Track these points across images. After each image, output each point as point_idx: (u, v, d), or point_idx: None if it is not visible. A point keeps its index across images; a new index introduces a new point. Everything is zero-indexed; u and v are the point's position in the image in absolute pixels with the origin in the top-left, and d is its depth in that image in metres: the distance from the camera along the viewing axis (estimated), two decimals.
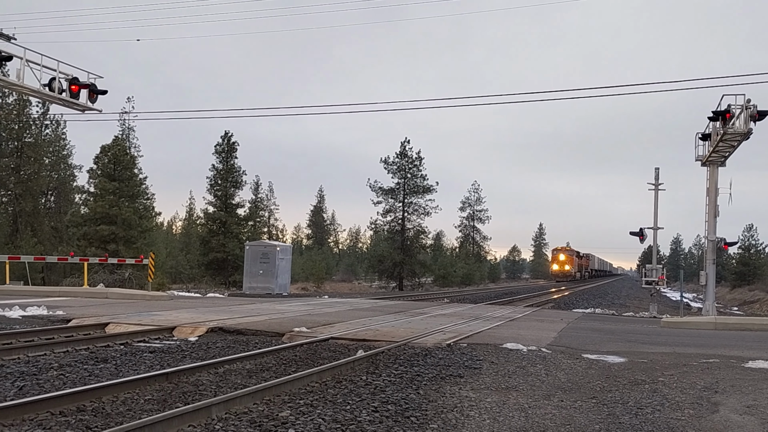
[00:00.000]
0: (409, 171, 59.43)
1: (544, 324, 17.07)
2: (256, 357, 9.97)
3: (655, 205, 26.12)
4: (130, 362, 9.35)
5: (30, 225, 44.08)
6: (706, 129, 23.45)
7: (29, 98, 39.29)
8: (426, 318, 17.33)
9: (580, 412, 7.25)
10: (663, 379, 9.52)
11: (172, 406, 6.62)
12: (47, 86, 21.40)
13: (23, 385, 7.49)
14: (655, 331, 16.85)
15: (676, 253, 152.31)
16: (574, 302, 33.33)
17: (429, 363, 9.94)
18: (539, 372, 9.67)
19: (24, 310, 14.80)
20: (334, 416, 6.51)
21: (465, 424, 6.53)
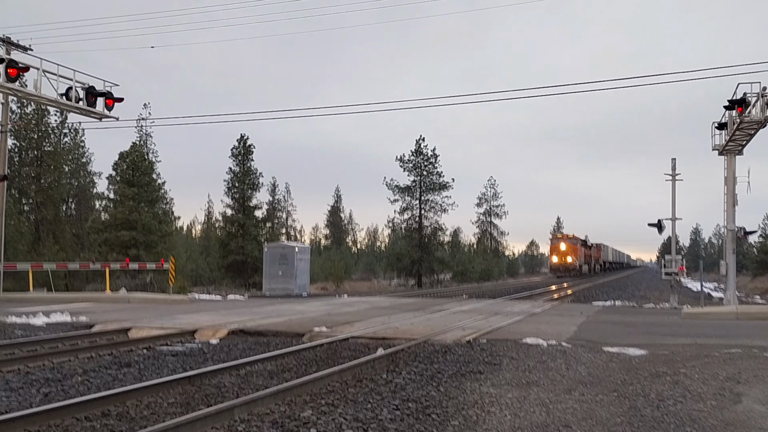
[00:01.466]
0: (425, 168, 59.37)
1: (563, 318, 17.02)
2: (277, 358, 10.04)
3: (673, 196, 25.91)
4: (153, 366, 9.46)
5: (52, 232, 44.60)
6: (723, 118, 23.23)
7: (47, 107, 39.74)
8: (445, 315, 17.34)
9: (601, 406, 7.24)
10: (684, 370, 9.47)
11: (195, 409, 6.70)
12: (64, 95, 21.69)
13: (48, 392, 7.61)
14: (675, 323, 16.74)
15: (695, 243, 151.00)
16: (593, 295, 33.15)
17: (449, 360, 9.97)
18: (560, 366, 9.66)
19: (48, 317, 15.01)
20: (356, 415, 6.55)
21: (486, 420, 6.55)
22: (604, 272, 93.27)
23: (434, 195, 59.26)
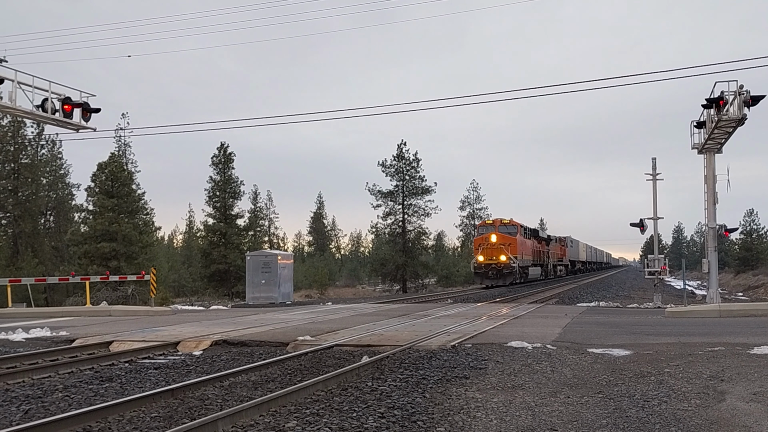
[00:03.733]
0: (407, 173, 59.46)
1: (548, 320, 17.05)
2: (261, 368, 9.95)
3: (654, 195, 26.10)
4: (135, 380, 9.34)
5: (30, 246, 44.10)
6: (701, 117, 23.45)
7: (23, 119, 39.33)
8: (430, 320, 17.32)
9: (587, 408, 7.24)
10: (669, 370, 9.51)
11: (179, 422, 6.61)
12: (40, 107, 21.43)
13: (29, 409, 7.48)
14: (659, 322, 16.83)
15: (678, 241, 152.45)
16: (578, 296, 33.28)
17: (434, 365, 9.93)
18: (545, 369, 9.66)
19: (27, 333, 14.79)
20: (341, 424, 6.50)
21: (472, 425, 6.52)
22: (573, 275, 73.92)
23: (417, 199, 59.36)
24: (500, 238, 43.88)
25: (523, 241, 46.73)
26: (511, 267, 43.00)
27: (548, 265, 57.98)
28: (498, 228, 44.76)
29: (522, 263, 45.53)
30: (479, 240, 45.44)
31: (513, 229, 45.28)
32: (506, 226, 45.18)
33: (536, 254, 52.25)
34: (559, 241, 66.98)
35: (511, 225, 45.39)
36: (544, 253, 56.34)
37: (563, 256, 67.92)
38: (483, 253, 43.58)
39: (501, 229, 44.80)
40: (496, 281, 43.10)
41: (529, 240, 49.29)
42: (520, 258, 45.10)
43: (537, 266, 51.57)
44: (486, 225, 46.71)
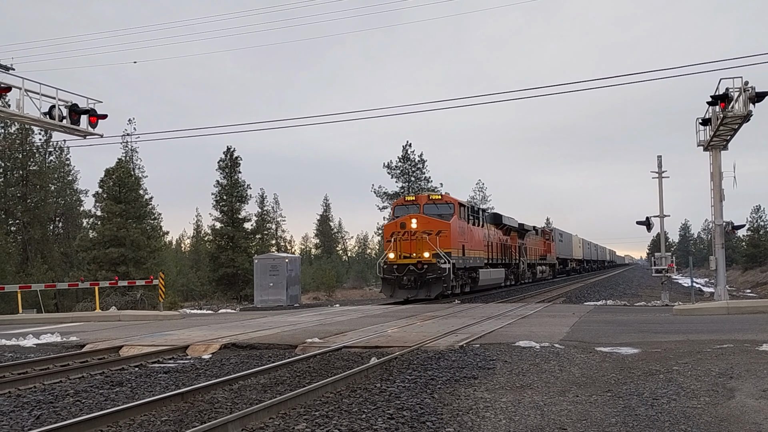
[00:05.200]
0: (413, 174, 59.50)
1: (556, 319, 17.04)
2: (270, 371, 10.00)
3: (660, 193, 26.06)
4: (145, 384, 9.39)
5: (40, 252, 44.32)
6: (706, 114, 23.40)
7: (31, 127, 39.54)
8: (437, 321, 17.33)
9: (595, 407, 7.25)
10: (677, 367, 9.51)
11: (189, 426, 6.65)
12: (47, 114, 21.56)
13: (40, 414, 7.54)
14: (667, 320, 16.80)
15: (685, 239, 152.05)
16: (585, 295, 33.25)
17: (442, 366, 9.96)
18: (553, 368, 9.67)
19: (38, 338, 14.88)
20: (350, 426, 6.53)
21: (481, 425, 6.55)
22: (564, 277, 63.04)
23: None
24: (424, 223, 27.69)
25: (466, 229, 30.64)
26: (439, 268, 26.78)
27: (520, 265, 43.04)
28: (423, 208, 28.87)
29: (464, 262, 29.75)
30: (391, 228, 28.57)
31: (447, 209, 28.98)
32: (435, 204, 29.21)
33: (495, 249, 36.51)
34: (541, 233, 52.47)
35: (444, 203, 29.43)
36: (512, 248, 41.04)
37: (547, 253, 54.02)
38: (396, 247, 27.58)
39: (427, 209, 28.80)
40: (416, 292, 27.20)
41: (479, 228, 33.34)
42: (460, 254, 29.13)
43: (498, 266, 36.65)
44: (404, 204, 30.19)
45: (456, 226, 28.73)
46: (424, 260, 27.11)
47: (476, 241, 32.45)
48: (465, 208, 31.21)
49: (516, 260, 42.20)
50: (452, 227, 28.15)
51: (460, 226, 29.61)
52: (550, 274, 56.54)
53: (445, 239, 27.54)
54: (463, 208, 30.80)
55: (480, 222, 33.79)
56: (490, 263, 35.16)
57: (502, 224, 38.95)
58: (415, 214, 28.25)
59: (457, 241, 28.66)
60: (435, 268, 26.91)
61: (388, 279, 27.93)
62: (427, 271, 27.03)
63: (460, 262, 29.14)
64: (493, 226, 37.22)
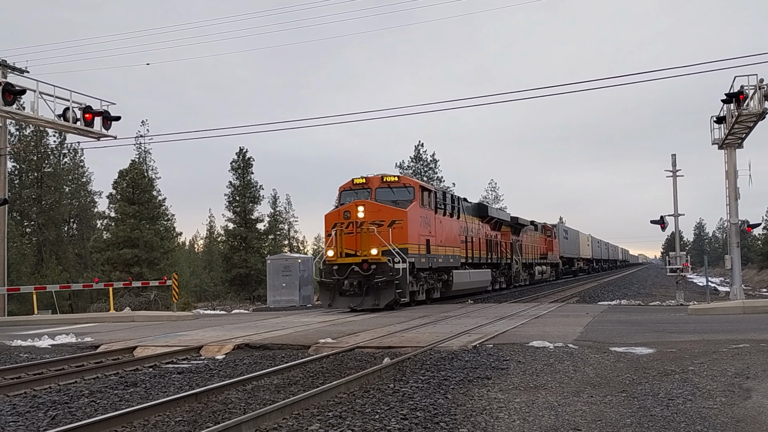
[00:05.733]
0: (425, 174, 59.42)
1: (569, 319, 16.97)
2: (283, 371, 10.01)
3: (675, 192, 25.86)
4: (159, 385, 9.43)
5: (55, 253, 44.68)
6: (721, 112, 23.22)
7: (45, 129, 39.86)
8: (450, 320, 17.30)
9: (610, 407, 7.20)
10: (693, 367, 9.43)
11: (203, 426, 6.67)
12: (62, 116, 21.77)
13: (55, 414, 7.59)
14: (682, 320, 16.68)
15: (699, 238, 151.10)
16: (599, 295, 33.07)
17: (456, 366, 9.93)
18: (567, 369, 9.62)
19: (53, 339, 14.98)
20: (364, 426, 6.52)
21: (495, 426, 6.52)
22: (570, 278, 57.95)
23: None
24: (373, 212, 21.89)
25: (433, 220, 24.60)
26: (390, 269, 21.01)
27: (513, 265, 37.16)
28: (375, 193, 23.14)
29: (429, 261, 23.89)
30: (333, 218, 22.44)
31: (404, 195, 23.10)
32: (390, 188, 23.24)
33: (478, 246, 30.91)
34: (541, 229, 47.02)
35: (401, 186, 23.36)
36: (502, 245, 35.53)
37: (549, 252, 48.64)
38: (337, 242, 21.66)
39: (381, 194, 23.11)
40: (360, 300, 21.21)
41: (454, 220, 27.38)
42: (422, 250, 23.26)
43: (481, 266, 30.96)
44: (352, 189, 23.71)
45: (416, 215, 22.85)
46: (371, 259, 21.12)
47: (449, 235, 26.43)
48: (430, 194, 24.84)
49: (507, 259, 36.41)
50: (410, 217, 22.20)
51: (424, 215, 23.62)
52: (553, 275, 50.54)
53: (401, 232, 21.68)
54: (428, 194, 24.59)
55: (455, 213, 27.75)
56: (471, 263, 29.28)
57: (489, 217, 33.16)
58: (362, 201, 22.22)
59: (417, 235, 22.78)
60: (385, 269, 20.96)
61: (327, 283, 21.79)
62: (375, 272, 21.05)
63: (423, 261, 23.24)
64: (477, 219, 31.37)
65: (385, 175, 23.58)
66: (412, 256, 22.12)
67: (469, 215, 29.99)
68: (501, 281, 35.12)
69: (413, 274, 22.42)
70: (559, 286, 43.31)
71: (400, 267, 21.17)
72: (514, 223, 37.91)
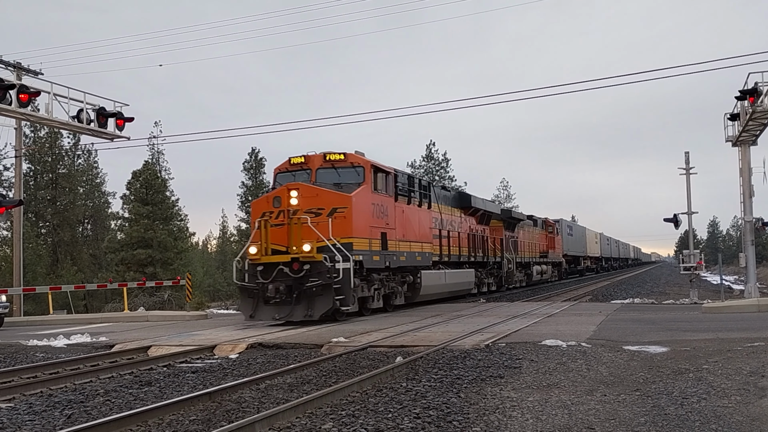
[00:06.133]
0: (437, 173, 59.36)
1: (582, 318, 16.92)
2: (296, 370, 10.05)
3: (688, 190, 25.69)
4: (173, 384, 9.49)
5: (69, 254, 45.03)
6: (735, 109, 23.06)
7: (60, 130, 40.18)
8: (463, 319, 17.29)
9: (624, 406, 7.18)
10: (707, 366, 9.38)
11: (217, 425, 6.71)
12: (76, 118, 21.95)
13: (71, 413, 7.66)
14: (696, 318, 16.59)
15: (713, 236, 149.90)
16: (612, 293, 32.91)
17: (468, 365, 9.93)
18: (580, 367, 9.60)
19: (68, 339, 15.11)
20: (377, 425, 6.54)
21: (508, 425, 6.52)
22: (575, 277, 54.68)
23: None
24: (310, 197, 17.71)
25: (392, 209, 20.09)
26: (326, 270, 16.76)
27: (505, 265, 32.65)
28: (315, 174, 18.92)
29: (385, 259, 19.37)
30: (261, 205, 18.60)
31: (352, 176, 18.82)
32: (334, 168, 18.90)
33: (458, 242, 26.32)
34: (541, 225, 43.23)
35: (348, 166, 18.93)
36: (491, 241, 31.03)
37: (550, 249, 44.36)
38: (262, 236, 17.41)
39: (323, 176, 18.90)
40: (289, 310, 16.77)
41: (423, 210, 22.73)
42: (376, 246, 18.83)
43: (461, 266, 26.48)
44: (288, 170, 19.47)
45: (366, 201, 18.35)
46: (303, 257, 16.62)
47: (416, 228, 21.81)
48: (387, 177, 19.89)
49: (497, 257, 31.85)
50: (357, 203, 17.71)
51: (378, 203, 19.05)
52: (555, 275, 46.06)
53: (344, 222, 17.29)
54: (384, 176, 19.65)
55: (425, 202, 23.07)
56: (448, 261, 25.00)
57: (473, 208, 28.51)
58: (296, 184, 17.85)
59: (367, 227, 18.23)
60: (321, 269, 16.52)
61: (248, 289, 17.22)
62: (309, 274, 16.57)
63: (377, 258, 18.66)
64: (458, 211, 27.10)
65: (329, 153, 18.97)
66: (360, 253, 17.63)
67: (446, 205, 25.74)
68: (489, 283, 31.09)
69: (361, 275, 18.06)
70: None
71: (341, 267, 16.55)
72: (506, 217, 34.27)
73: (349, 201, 17.56)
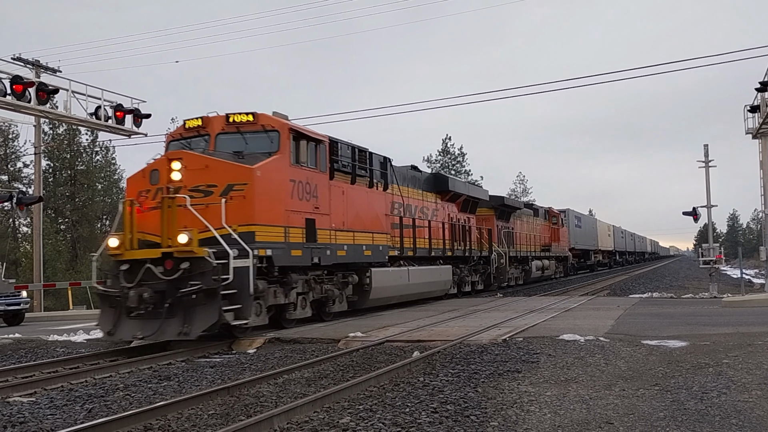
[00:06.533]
0: (453, 167, 59.23)
1: (600, 312, 16.83)
2: (314, 365, 10.08)
3: (707, 183, 25.44)
4: (192, 378, 9.56)
5: (88, 249, 45.39)
6: (754, 101, 22.77)
7: (78, 127, 40.52)
8: (480, 314, 17.26)
9: (643, 401, 7.14)
10: (727, 361, 9.30)
11: (235, 420, 6.76)
12: (93, 114, 22.13)
13: (92, 408, 7.73)
14: (716, 312, 16.44)
15: (733, 229, 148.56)
16: (630, 287, 32.70)
17: (485, 360, 9.91)
18: (598, 362, 9.55)
19: (88, 334, 15.25)
20: (394, 419, 6.55)
21: (525, 419, 6.50)
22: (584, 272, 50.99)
23: None
24: (198, 170, 12.97)
25: (321, 186, 15.36)
26: (211, 270, 11.98)
27: (494, 260, 28.19)
28: (215, 141, 14.15)
29: (309, 254, 14.72)
30: (137, 182, 13.57)
31: (263, 143, 14.10)
32: (239, 133, 14.13)
33: (422, 232, 21.42)
34: (544, 215, 39.25)
35: (259, 130, 14.14)
36: (473, 232, 26.35)
37: (554, 242, 40.33)
38: (128, 223, 12.84)
39: (224, 143, 14.13)
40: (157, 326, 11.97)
41: (368, 190, 17.91)
42: (295, 236, 14.21)
43: (433, 261, 22.46)
44: (183, 137, 14.62)
45: (280, 177, 13.85)
46: (180, 252, 12.26)
47: (363, 215, 17.26)
48: (318, 147, 15.27)
49: (483, 251, 27.28)
50: (263, 178, 13.21)
51: (301, 179, 14.42)
52: (559, 271, 42.24)
53: (243, 205, 12.86)
54: (312, 146, 15.00)
55: (380, 182, 18.50)
56: (412, 256, 20.46)
57: (451, 192, 24.11)
58: (180, 152, 13.44)
59: (280, 210, 13.74)
60: (204, 269, 12.07)
61: (107, 296, 12.82)
62: (187, 276, 12.09)
63: (296, 254, 14.17)
64: (432, 195, 22.91)
65: (233, 114, 14.01)
66: (268, 246, 13.09)
67: (414, 188, 21.37)
68: (475, 281, 26.67)
69: (271, 275, 13.46)
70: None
71: (235, 265, 12.10)
72: (498, 205, 30.21)
73: (251, 175, 12.84)
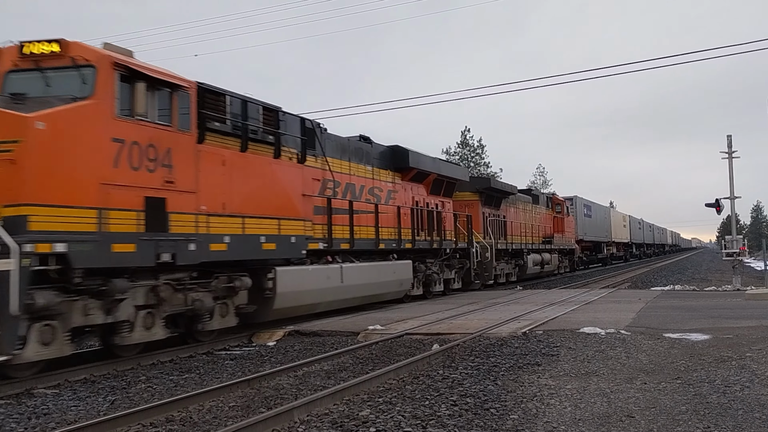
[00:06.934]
0: (472, 159, 59.01)
1: (621, 305, 16.70)
2: (333, 357, 10.12)
3: (730, 174, 25.13)
4: (213, 371, 9.63)
5: None
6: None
7: None
8: (499, 307, 17.21)
9: (664, 394, 7.08)
10: (751, 354, 9.20)
11: (256, 412, 6.80)
12: None
13: (114, 399, 7.83)
14: (739, 305, 16.25)
15: (757, 221, 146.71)
16: (652, 280, 32.43)
17: (505, 353, 9.88)
18: (619, 355, 9.49)
19: None
20: (414, 412, 6.55)
21: (546, 412, 6.48)
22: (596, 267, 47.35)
23: None
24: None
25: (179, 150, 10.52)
26: None
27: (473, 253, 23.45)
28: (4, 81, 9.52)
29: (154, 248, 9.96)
30: None
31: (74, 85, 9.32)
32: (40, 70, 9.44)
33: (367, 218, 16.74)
34: (546, 202, 35.54)
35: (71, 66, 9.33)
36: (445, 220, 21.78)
37: (557, 233, 35.99)
38: None
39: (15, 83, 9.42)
40: None
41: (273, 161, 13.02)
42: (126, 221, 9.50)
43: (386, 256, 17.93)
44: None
45: (89, 131, 9.20)
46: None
47: (264, 194, 12.86)
48: (173, 95, 10.67)
49: (462, 242, 23.00)
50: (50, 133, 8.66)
51: (132, 136, 9.78)
52: (565, 266, 38.16)
53: (11, 173, 8.44)
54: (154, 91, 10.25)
55: (297, 152, 14.04)
56: (348, 250, 15.95)
57: (414, 170, 19.59)
58: None
59: (90, 183, 9.15)
60: None
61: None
62: None
63: (126, 249, 9.59)
64: (389, 174, 18.55)
65: (30, 43, 9.65)
66: (60, 237, 8.68)
67: (359, 163, 17.09)
68: (450, 278, 22.18)
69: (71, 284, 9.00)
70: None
71: None
72: (483, 188, 26.46)
73: (24, 128, 8.53)
